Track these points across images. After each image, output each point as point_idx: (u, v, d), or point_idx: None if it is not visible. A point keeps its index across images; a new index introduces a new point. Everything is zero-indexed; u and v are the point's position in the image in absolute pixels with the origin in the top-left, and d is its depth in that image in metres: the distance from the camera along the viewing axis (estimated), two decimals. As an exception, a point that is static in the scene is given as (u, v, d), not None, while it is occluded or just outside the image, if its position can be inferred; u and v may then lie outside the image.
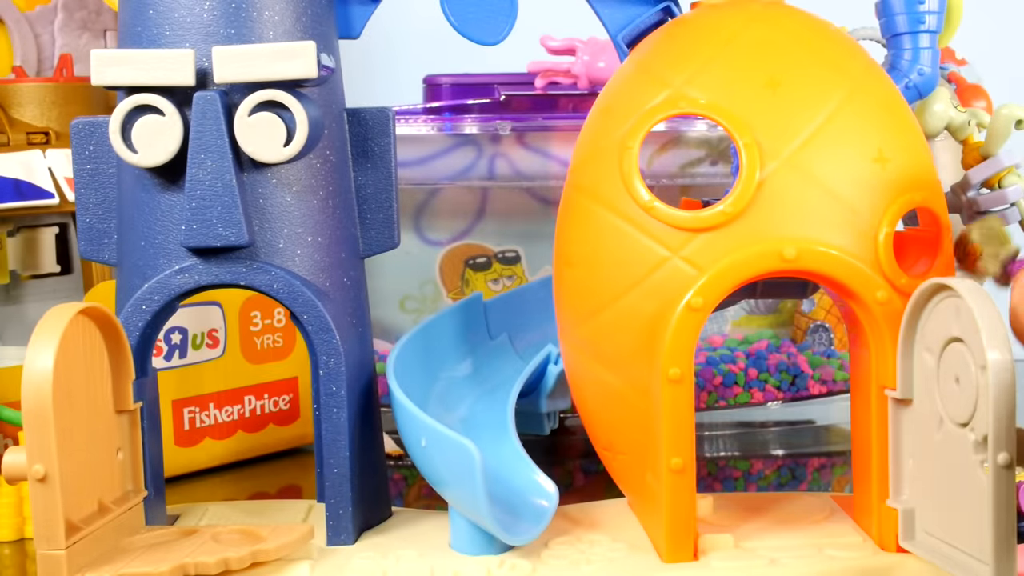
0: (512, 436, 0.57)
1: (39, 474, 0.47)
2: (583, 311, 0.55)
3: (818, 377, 0.82)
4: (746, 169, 0.52)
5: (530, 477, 0.55)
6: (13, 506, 0.65)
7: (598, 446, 0.57)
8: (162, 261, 0.56)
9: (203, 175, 0.54)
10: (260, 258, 0.56)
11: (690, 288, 0.51)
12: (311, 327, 0.56)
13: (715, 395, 0.80)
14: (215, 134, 0.54)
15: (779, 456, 0.79)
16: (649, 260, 0.53)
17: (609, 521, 0.57)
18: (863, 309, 0.52)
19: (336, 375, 0.56)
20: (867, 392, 0.53)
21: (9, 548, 0.64)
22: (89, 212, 0.59)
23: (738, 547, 0.53)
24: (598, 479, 0.74)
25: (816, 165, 0.52)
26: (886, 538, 0.52)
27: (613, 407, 0.55)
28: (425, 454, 0.54)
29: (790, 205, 0.52)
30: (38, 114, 0.76)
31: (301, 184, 0.56)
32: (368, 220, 0.60)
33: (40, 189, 0.72)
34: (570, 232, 0.56)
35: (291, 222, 0.56)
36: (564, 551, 0.54)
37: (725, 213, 0.52)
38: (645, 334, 0.52)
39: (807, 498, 0.59)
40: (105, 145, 0.58)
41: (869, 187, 0.52)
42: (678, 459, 0.51)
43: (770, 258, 0.51)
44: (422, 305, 0.84)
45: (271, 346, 0.77)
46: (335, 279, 0.57)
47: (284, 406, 0.78)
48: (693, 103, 0.53)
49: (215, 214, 0.54)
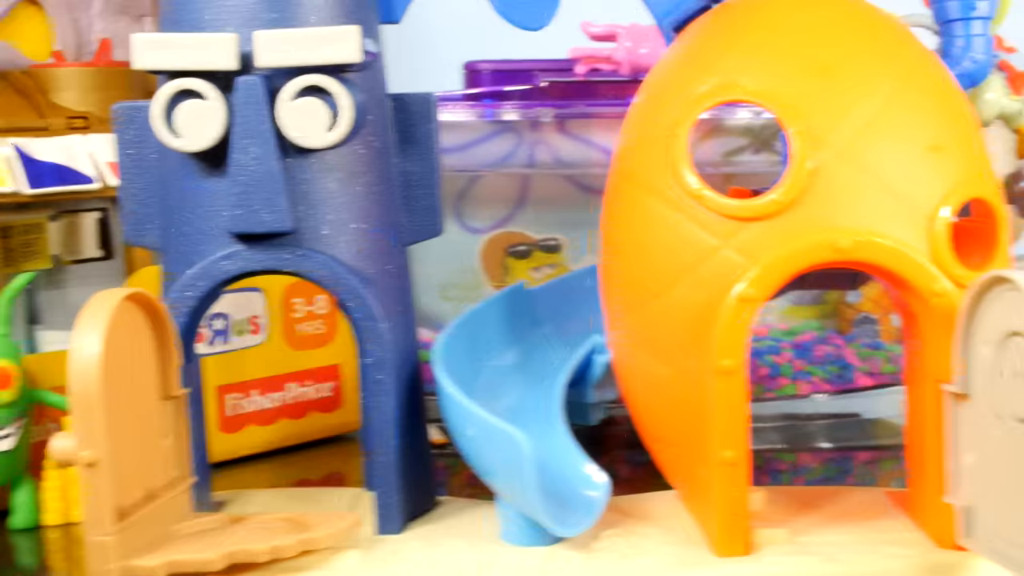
0: (561, 426, 0.56)
1: (87, 460, 0.47)
2: (631, 301, 0.54)
3: (865, 369, 0.81)
4: (796, 157, 0.51)
5: (580, 468, 0.54)
6: (59, 490, 0.65)
7: (646, 438, 0.57)
8: (206, 247, 0.55)
9: (247, 161, 0.53)
10: (304, 245, 0.55)
11: (741, 278, 0.50)
12: (357, 314, 0.55)
13: (761, 387, 0.79)
14: (258, 119, 0.53)
15: (826, 449, 0.78)
16: (698, 249, 0.52)
17: (660, 514, 0.57)
18: (919, 301, 0.51)
19: (382, 363, 0.55)
20: (922, 386, 0.52)
21: (56, 532, 0.64)
22: (132, 198, 0.58)
23: (792, 542, 0.52)
24: (644, 470, 0.73)
25: (869, 154, 0.51)
26: (944, 535, 0.51)
27: (662, 398, 0.54)
28: (472, 443, 0.53)
29: (843, 195, 0.50)
30: (78, 99, 0.76)
31: (345, 170, 0.56)
32: (412, 207, 0.59)
33: (81, 174, 0.72)
34: (617, 221, 0.55)
35: (335, 208, 0.55)
36: (615, 544, 0.53)
37: (776, 202, 0.51)
38: (695, 325, 0.51)
39: (860, 493, 0.59)
40: (147, 130, 0.57)
41: (924, 176, 0.51)
42: (730, 452, 0.50)
43: (824, 249, 0.50)
44: (463, 293, 0.83)
45: (313, 333, 0.77)
46: (379, 266, 0.57)
47: (327, 393, 0.78)
48: (743, 90, 0.52)
49: (259, 200, 0.53)
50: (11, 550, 0.62)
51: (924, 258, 0.50)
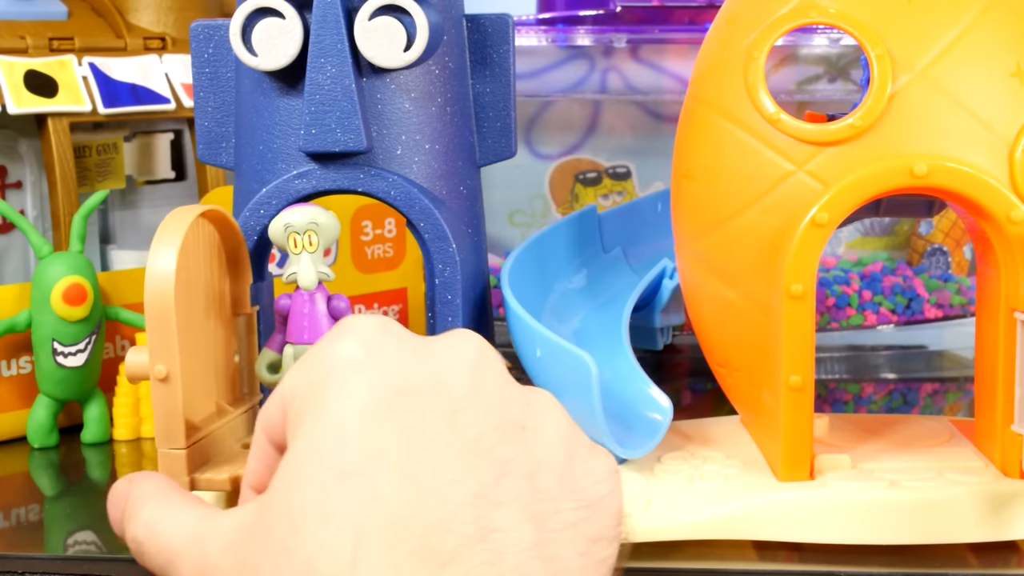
0: (626, 349, 0.56)
1: (161, 374, 0.48)
2: (703, 225, 0.54)
3: (934, 301, 0.80)
4: (877, 81, 0.50)
5: (644, 391, 0.55)
6: (130, 406, 0.66)
7: (713, 362, 0.57)
8: (280, 166, 0.56)
9: (322, 79, 0.54)
10: (378, 164, 0.55)
11: (815, 203, 0.50)
12: (427, 235, 0.55)
13: (827, 316, 0.79)
14: (335, 38, 0.53)
15: (891, 380, 0.78)
16: (773, 174, 0.51)
17: (723, 438, 0.57)
18: (995, 228, 0.50)
19: (452, 283, 0.55)
20: (995, 314, 0.52)
21: (126, 447, 0.66)
22: (207, 116, 0.59)
23: (855, 468, 0.52)
24: (706, 397, 0.74)
25: (951, 79, 0.50)
26: (1009, 464, 0.51)
27: (731, 323, 0.54)
28: (540, 364, 0.53)
29: (922, 120, 0.50)
30: (155, 19, 0.76)
31: (420, 91, 0.56)
32: (485, 129, 0.59)
33: (156, 94, 0.73)
34: (691, 145, 0.55)
35: (409, 129, 0.56)
36: (677, 466, 0.53)
37: (854, 127, 0.50)
38: (767, 249, 0.51)
39: (925, 421, 0.58)
40: (224, 49, 0.58)
41: (1006, 103, 0.50)
42: (797, 376, 0.50)
43: (900, 174, 0.50)
44: (531, 219, 0.83)
45: (382, 256, 0.78)
46: (452, 187, 0.57)
47: (393, 316, 0.79)
48: (823, 12, 0.52)
49: (334, 119, 0.54)
50: (83, 464, 0.64)
51: (1002, 185, 0.50)
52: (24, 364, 0.66)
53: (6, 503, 0.58)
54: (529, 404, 0.37)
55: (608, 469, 0.38)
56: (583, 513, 0.36)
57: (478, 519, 0.34)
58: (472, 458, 0.35)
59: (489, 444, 0.35)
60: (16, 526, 0.55)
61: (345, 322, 0.38)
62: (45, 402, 0.65)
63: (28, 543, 0.54)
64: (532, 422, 0.37)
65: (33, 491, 0.60)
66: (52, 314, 0.64)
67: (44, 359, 0.64)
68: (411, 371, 0.36)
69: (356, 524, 0.33)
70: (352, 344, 0.37)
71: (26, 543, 0.54)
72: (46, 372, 0.64)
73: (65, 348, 0.64)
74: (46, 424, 0.65)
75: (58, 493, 0.61)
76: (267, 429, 0.39)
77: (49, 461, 0.64)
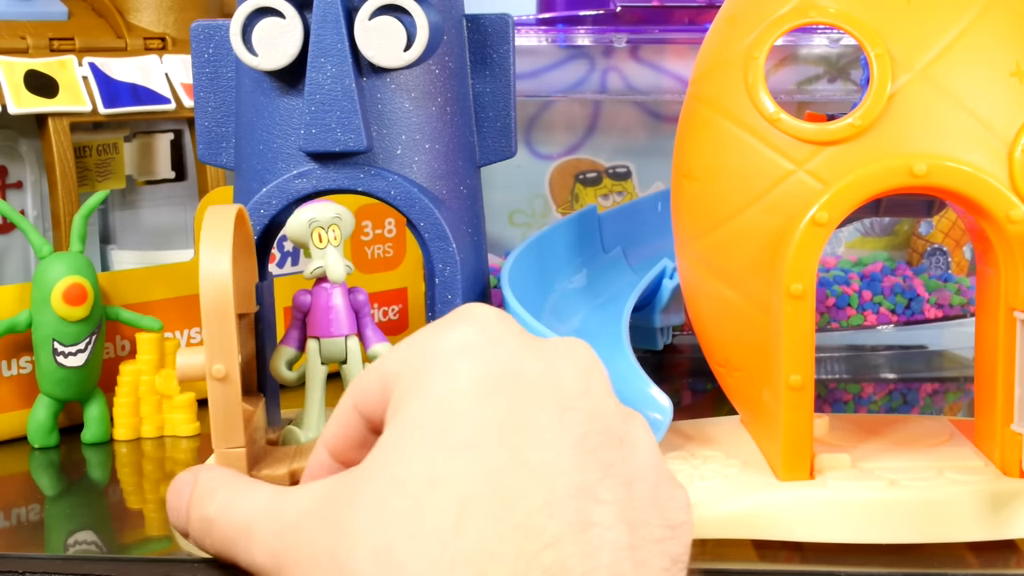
0: (626, 349, 0.56)
1: (220, 373, 0.47)
2: (702, 225, 0.54)
3: (934, 301, 0.80)
4: (877, 81, 0.50)
5: (644, 390, 0.55)
6: (130, 406, 0.66)
7: (713, 362, 0.57)
8: (281, 165, 0.56)
9: (323, 79, 0.54)
10: (378, 164, 0.55)
11: (815, 203, 0.50)
12: (427, 234, 0.55)
13: (827, 316, 0.79)
14: (335, 38, 0.53)
15: (891, 380, 0.78)
16: (773, 173, 0.51)
17: (723, 438, 0.57)
18: (994, 228, 0.50)
19: (452, 283, 0.56)
20: (994, 313, 0.52)
21: (126, 447, 0.66)
22: (207, 116, 0.59)
23: (855, 467, 0.52)
24: (706, 397, 0.74)
25: (950, 78, 0.50)
26: (1009, 463, 0.51)
27: (731, 322, 0.54)
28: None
29: (922, 119, 0.50)
30: (155, 19, 0.76)
31: (420, 90, 0.56)
32: (485, 128, 0.59)
33: (157, 94, 0.73)
34: (691, 144, 0.55)
35: (409, 128, 0.56)
36: (678, 466, 0.53)
37: (853, 126, 0.50)
38: (767, 249, 0.51)
39: (925, 420, 0.58)
40: (224, 48, 0.58)
41: (1005, 102, 0.50)
42: (797, 376, 0.50)
43: (899, 173, 0.50)
44: (531, 219, 0.83)
45: (381, 256, 0.78)
46: (452, 187, 0.57)
47: (393, 316, 0.79)
48: (823, 12, 0.52)
49: (334, 119, 0.54)
50: (83, 464, 0.64)
51: (1002, 184, 0.50)
52: (24, 364, 0.66)
53: (6, 503, 0.58)
54: (627, 420, 0.39)
55: (688, 501, 0.40)
56: (667, 532, 0.38)
57: (579, 511, 0.35)
58: (578, 454, 0.36)
59: (594, 446, 0.37)
60: (16, 526, 0.55)
61: (464, 308, 0.40)
62: (45, 402, 0.65)
63: (28, 543, 0.54)
64: (629, 438, 0.39)
65: (33, 491, 0.60)
66: (52, 314, 0.64)
67: (44, 359, 0.64)
68: (527, 360, 0.38)
69: (463, 493, 0.35)
70: (469, 329, 0.38)
71: (26, 543, 0.54)
72: (46, 372, 0.64)
73: (65, 348, 0.64)
74: (46, 424, 0.65)
75: (58, 493, 0.61)
76: (359, 401, 0.40)
77: (49, 461, 0.64)
